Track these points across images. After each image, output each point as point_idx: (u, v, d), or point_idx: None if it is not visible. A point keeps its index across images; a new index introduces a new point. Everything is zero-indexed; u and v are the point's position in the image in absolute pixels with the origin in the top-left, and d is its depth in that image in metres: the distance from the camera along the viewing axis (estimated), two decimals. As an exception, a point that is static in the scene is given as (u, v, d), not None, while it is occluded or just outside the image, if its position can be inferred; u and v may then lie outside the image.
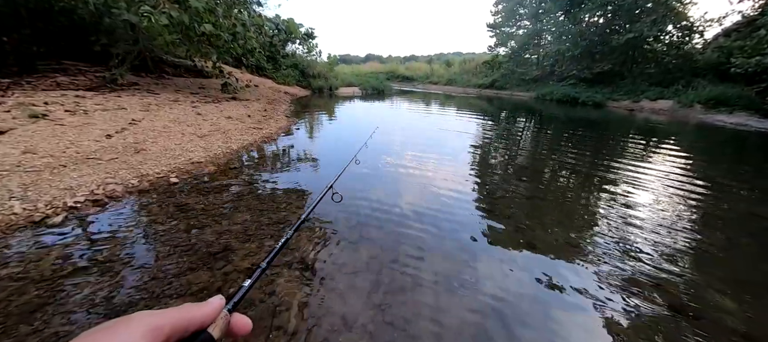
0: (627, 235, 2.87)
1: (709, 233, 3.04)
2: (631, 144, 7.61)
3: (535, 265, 2.36)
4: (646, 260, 2.49)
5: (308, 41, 18.37)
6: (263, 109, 8.42)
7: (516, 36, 28.18)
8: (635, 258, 2.51)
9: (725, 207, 3.74)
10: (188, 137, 4.77)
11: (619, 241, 2.77)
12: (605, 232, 2.93)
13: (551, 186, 4.35)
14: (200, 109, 6.54)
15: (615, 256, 2.53)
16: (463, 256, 2.42)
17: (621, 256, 2.55)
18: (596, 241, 2.75)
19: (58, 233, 2.30)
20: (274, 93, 13.07)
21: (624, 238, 2.82)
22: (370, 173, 4.18)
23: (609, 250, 2.63)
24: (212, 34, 7.24)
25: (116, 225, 2.48)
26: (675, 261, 2.51)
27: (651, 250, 2.63)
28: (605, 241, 2.77)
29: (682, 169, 5.37)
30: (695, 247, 2.76)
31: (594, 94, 19.17)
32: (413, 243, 2.55)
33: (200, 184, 3.37)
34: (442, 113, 12.13)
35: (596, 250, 2.61)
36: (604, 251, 2.60)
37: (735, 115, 12.71)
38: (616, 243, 2.73)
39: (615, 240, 2.78)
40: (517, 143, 7.18)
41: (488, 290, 2.04)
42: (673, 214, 3.41)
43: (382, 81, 23.57)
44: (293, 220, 2.78)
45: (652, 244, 2.73)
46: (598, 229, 3.00)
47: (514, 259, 2.43)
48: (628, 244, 2.72)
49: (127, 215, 2.64)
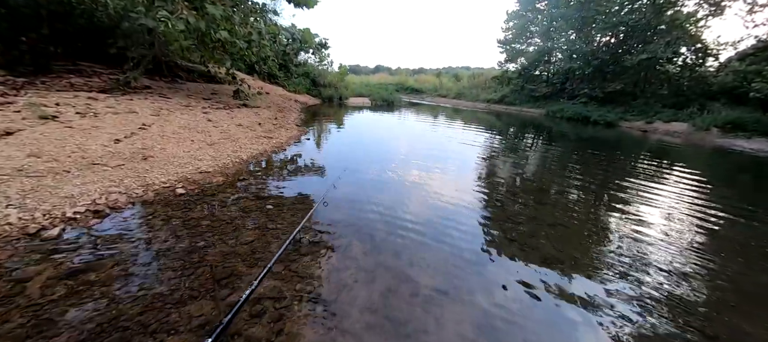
0: (636, 257, 2.83)
1: (725, 257, 2.80)
2: (645, 165, 7.34)
3: (544, 287, 2.23)
4: (654, 281, 2.46)
5: (321, 51, 18.49)
6: (274, 118, 8.35)
7: (526, 53, 28.17)
8: (642, 278, 2.49)
9: (742, 232, 3.48)
10: (197, 144, 4.65)
11: (629, 263, 2.70)
12: (614, 253, 2.88)
13: (563, 206, 4.10)
14: (211, 116, 6.47)
15: (623, 277, 2.52)
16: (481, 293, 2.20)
17: (630, 277, 2.53)
18: (604, 262, 2.71)
19: (53, 249, 2.14)
20: (284, 101, 13.08)
21: (634, 260, 2.78)
22: (381, 184, 3.99)
23: (617, 271, 2.60)
24: (227, 41, 7.24)
25: (115, 241, 2.32)
26: (687, 283, 2.34)
27: (660, 272, 2.59)
28: (614, 262, 2.73)
29: (699, 192, 5.19)
30: (710, 269, 2.55)
31: (606, 114, 18.90)
32: (429, 270, 2.34)
33: (207, 196, 3.22)
34: (450, 126, 11.98)
35: (604, 271, 2.59)
36: (612, 272, 2.58)
37: (754, 140, 12.33)
38: (626, 265, 2.65)
39: (625, 262, 2.72)
40: (527, 161, 6.96)
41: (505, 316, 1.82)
42: (687, 237, 3.30)
43: (391, 92, 23.64)
44: (303, 240, 2.59)
45: (662, 265, 2.67)
46: (607, 250, 2.89)
47: (526, 284, 2.21)
48: (637, 265, 2.69)
49: (127, 230, 2.48)
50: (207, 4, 6.48)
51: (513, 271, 2.47)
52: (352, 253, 2.50)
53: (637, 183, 5.55)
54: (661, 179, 6.07)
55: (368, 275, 2.25)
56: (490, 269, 2.49)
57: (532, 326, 1.91)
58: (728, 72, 16.70)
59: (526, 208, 3.87)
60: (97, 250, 2.19)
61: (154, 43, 8.22)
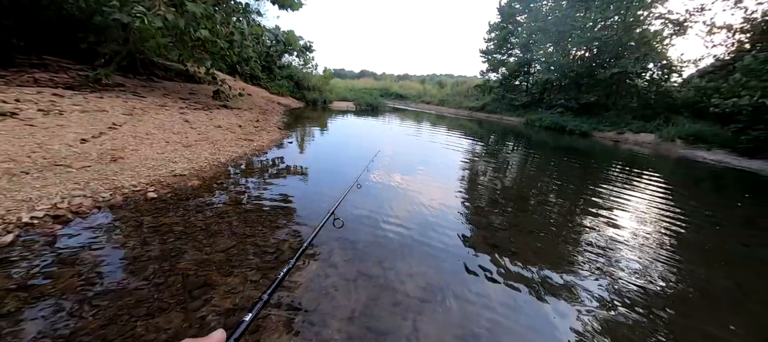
0: (609, 261, 2.94)
1: (688, 260, 2.97)
2: (617, 173, 7.74)
3: (525, 292, 2.31)
4: (625, 284, 2.57)
5: (306, 54, 18.33)
6: (255, 120, 8.16)
7: (507, 63, 29.13)
8: (614, 281, 2.59)
9: (703, 236, 3.72)
10: (173, 146, 4.46)
11: (602, 267, 2.81)
12: (589, 257, 3.00)
13: (541, 213, 4.24)
14: (188, 116, 6.23)
15: (597, 280, 2.63)
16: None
17: (603, 280, 2.64)
18: (580, 267, 2.79)
19: (4, 257, 1.97)
20: (267, 103, 12.83)
21: (606, 265, 2.91)
22: (372, 196, 3.97)
23: (592, 275, 2.71)
24: (208, 40, 7.03)
25: (78, 248, 2.16)
26: (655, 286, 2.42)
27: (631, 275, 2.69)
28: (588, 266, 2.84)
29: (663, 199, 5.60)
30: (675, 273, 2.68)
31: (581, 124, 19.78)
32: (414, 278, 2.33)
33: (181, 200, 3.07)
34: (434, 133, 12.14)
35: (579, 275, 2.66)
36: (586, 276, 2.68)
37: (713, 152, 13.26)
38: (599, 269, 2.73)
39: (598, 267, 2.82)
40: (508, 167, 7.15)
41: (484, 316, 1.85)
42: (654, 241, 3.51)
43: (376, 97, 23.75)
44: (283, 247, 2.52)
45: (632, 269, 2.78)
46: (582, 255, 3.00)
47: (507, 288, 2.25)
48: (610, 269, 2.81)
49: (92, 236, 2.32)
50: (187, 2, 6.28)
51: (494, 277, 2.51)
52: (333, 260, 2.46)
53: (610, 189, 5.86)
54: (632, 186, 6.40)
55: (349, 283, 2.21)
56: (472, 276, 2.51)
57: (514, 330, 1.94)
58: (690, 88, 17.91)
59: (506, 215, 3.96)
60: (57, 259, 2.03)
61: (128, 39, 7.86)
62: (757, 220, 5.16)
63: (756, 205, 6.26)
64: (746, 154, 12.43)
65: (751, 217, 5.34)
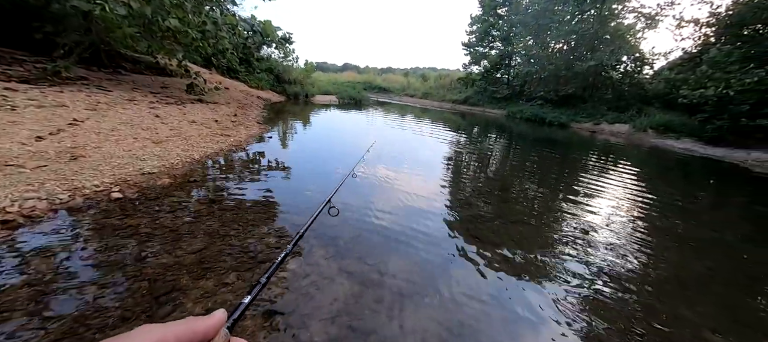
0: (587, 248, 2.97)
1: (661, 245, 3.10)
2: (592, 163, 8.02)
3: (504, 284, 2.30)
4: (603, 269, 2.56)
5: (285, 46, 17.82)
6: (233, 114, 7.84)
7: (489, 56, 29.45)
8: (592, 268, 2.56)
9: (673, 222, 3.90)
10: (141, 143, 4.19)
11: (581, 254, 2.81)
12: (570, 245, 3.02)
13: (522, 202, 4.31)
14: (159, 111, 5.89)
15: (578, 266, 2.64)
16: (434, 274, 2.19)
17: (582, 266, 2.65)
18: (560, 256, 2.77)
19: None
20: (246, 97, 12.39)
21: (585, 252, 2.94)
22: (360, 188, 3.88)
23: (572, 261, 2.72)
24: (178, 31, 6.64)
25: (29, 256, 1.97)
26: (631, 271, 2.49)
27: (608, 260, 2.71)
28: (569, 253, 2.84)
29: (637, 187, 5.88)
30: (650, 257, 2.79)
31: (559, 115, 20.33)
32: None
33: (150, 200, 2.88)
34: (418, 126, 12.13)
35: (560, 264, 2.67)
36: (567, 263, 2.69)
37: (682, 141, 13.96)
38: (579, 256, 2.76)
39: (577, 252, 2.83)
40: (490, 160, 7.23)
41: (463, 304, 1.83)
42: (629, 227, 3.63)
43: (359, 91, 23.47)
44: (260, 247, 2.41)
45: (609, 255, 2.81)
46: (563, 243, 3.03)
47: (490, 278, 2.26)
48: (588, 256, 2.80)
49: (46, 242, 2.12)
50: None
51: (479, 267, 2.50)
52: (313, 259, 2.37)
53: (588, 179, 6.05)
54: (608, 175, 6.62)
55: (330, 281, 2.13)
56: (458, 267, 2.49)
57: (498, 316, 1.93)
58: (661, 80, 18.73)
59: (490, 206, 3.98)
60: (3, 269, 1.84)
61: (90, 29, 7.31)
62: (723, 205, 5.45)
63: (720, 191, 6.63)
64: (711, 142, 13.17)
65: (718, 202, 5.64)
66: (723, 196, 6.16)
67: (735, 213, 5.02)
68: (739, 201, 5.89)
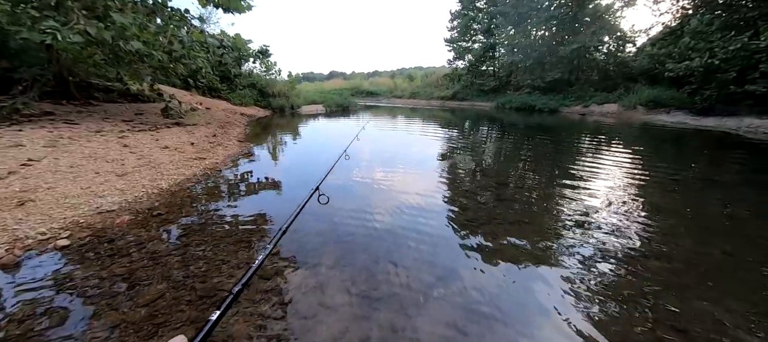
0: (593, 232, 2.90)
1: (665, 227, 2.85)
2: (585, 146, 7.86)
3: (510, 271, 2.31)
4: (608, 256, 2.43)
5: (264, 59, 17.52)
6: (212, 135, 7.50)
7: (472, 49, 29.42)
8: (597, 255, 2.52)
9: (675, 199, 3.68)
10: (103, 177, 3.84)
11: (585, 243, 2.72)
12: (568, 225, 3.05)
13: (520, 192, 4.05)
14: (129, 140, 5.54)
15: (582, 256, 2.61)
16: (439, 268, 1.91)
17: (587, 254, 2.60)
18: (562, 244, 2.73)
19: None
20: (228, 115, 12.03)
21: (590, 236, 2.93)
22: (343, 189, 3.58)
23: (575, 251, 2.70)
24: (144, 53, 6.30)
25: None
26: (635, 257, 2.25)
27: (613, 246, 2.57)
28: (569, 232, 2.88)
29: (633, 163, 5.89)
30: (654, 243, 2.55)
31: (549, 101, 20.26)
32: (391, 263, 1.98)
33: (102, 244, 2.54)
34: (408, 126, 11.88)
35: (562, 253, 2.66)
36: (570, 252, 2.68)
37: (672, 114, 13.91)
38: (582, 247, 2.61)
39: (582, 244, 2.73)
40: (484, 151, 6.99)
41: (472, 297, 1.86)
42: (630, 209, 3.48)
43: (346, 97, 23.15)
44: (227, 286, 2.09)
45: (613, 240, 2.68)
46: (562, 222, 2.98)
47: (494, 269, 2.15)
48: (591, 245, 2.74)
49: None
50: (112, 13, 5.55)
51: (483, 260, 2.21)
52: (320, 271, 2.06)
53: (583, 161, 5.98)
54: (602, 155, 6.48)
55: (334, 298, 1.82)
56: (460, 264, 2.20)
57: (505, 308, 1.66)
58: (644, 56, 18.77)
59: (488, 196, 3.70)
60: None
61: (51, 60, 6.94)
62: (725, 177, 5.26)
63: (719, 162, 6.46)
64: (702, 113, 13.12)
65: (719, 174, 5.45)
66: (723, 167, 5.98)
67: (740, 185, 4.81)
68: (741, 170, 5.71)
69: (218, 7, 7.20)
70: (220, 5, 7.20)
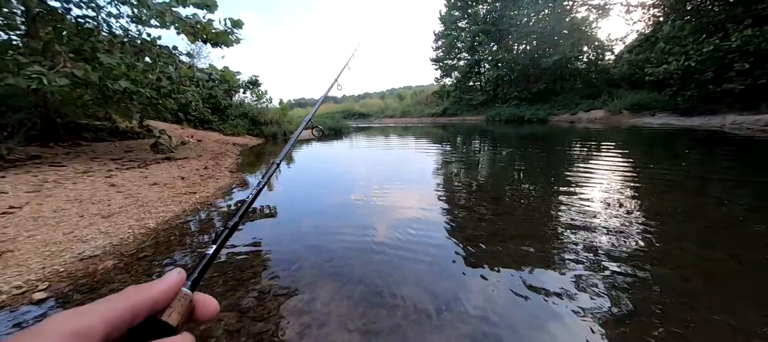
0: (589, 245, 2.84)
1: (666, 232, 2.80)
2: (577, 151, 7.96)
3: (512, 280, 2.35)
4: (610, 265, 2.27)
5: (255, 89, 17.75)
6: (203, 167, 7.39)
7: (458, 67, 30.29)
8: (598, 264, 2.45)
9: (671, 202, 3.66)
10: (87, 220, 3.70)
11: (584, 241, 2.89)
12: (570, 235, 3.11)
13: (516, 201, 3.99)
14: (117, 179, 5.41)
15: (583, 257, 2.69)
16: (442, 281, 1.81)
17: (589, 254, 2.71)
18: (565, 245, 2.84)
19: None
20: (220, 146, 11.97)
21: (589, 237, 3.03)
22: (339, 208, 3.47)
23: (578, 251, 2.78)
24: (132, 91, 6.30)
25: None
26: (639, 265, 2.15)
27: (613, 253, 2.48)
28: (572, 243, 2.95)
29: (626, 167, 6.00)
30: (655, 250, 2.47)
31: (537, 111, 20.69)
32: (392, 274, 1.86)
33: (82, 294, 2.39)
34: (402, 144, 11.93)
35: (567, 253, 2.74)
36: (573, 253, 2.76)
37: (657, 116, 14.26)
38: (582, 254, 2.70)
39: (580, 241, 2.90)
40: (478, 164, 6.99)
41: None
42: (629, 214, 3.50)
43: (338, 120, 23.38)
44: (217, 332, 1.95)
45: (614, 249, 2.66)
46: (564, 232, 3.12)
47: (494, 277, 2.16)
48: (592, 253, 2.73)
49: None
50: (99, 54, 5.58)
51: (487, 273, 2.11)
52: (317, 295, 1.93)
53: (577, 167, 6.03)
54: (595, 161, 6.53)
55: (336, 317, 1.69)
56: (465, 276, 2.11)
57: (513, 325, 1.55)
58: (624, 62, 19.48)
59: (486, 209, 3.63)
60: None
61: (38, 104, 6.89)
62: (709, 175, 5.30)
63: (710, 160, 6.54)
64: (685, 113, 13.48)
65: (712, 172, 5.49)
66: (714, 165, 6.04)
67: (732, 181, 4.84)
68: (732, 167, 5.77)
69: (206, 43, 7.30)
70: (208, 40, 7.31)
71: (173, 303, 0.28)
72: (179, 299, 0.28)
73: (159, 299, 0.27)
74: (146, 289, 0.27)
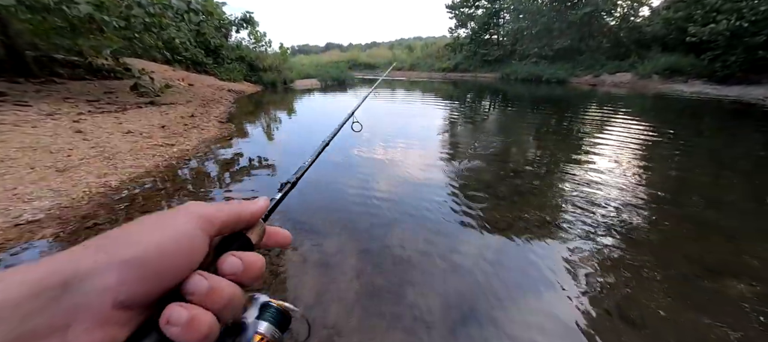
0: (598, 205, 2.78)
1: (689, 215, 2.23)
2: (599, 118, 7.27)
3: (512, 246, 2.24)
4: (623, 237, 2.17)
5: (251, 28, 16.28)
6: (189, 115, 6.70)
7: (475, 16, 27.65)
8: (610, 225, 2.48)
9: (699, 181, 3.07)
10: (38, 173, 3.15)
11: (593, 211, 2.71)
12: (580, 205, 2.89)
13: (531, 173, 3.41)
14: (85, 124, 4.78)
15: (592, 227, 2.52)
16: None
17: (596, 225, 2.54)
18: (574, 222, 2.62)
19: None
20: (213, 92, 11.11)
21: (596, 208, 2.84)
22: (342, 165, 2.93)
23: (586, 221, 2.60)
24: (100, 20, 5.38)
25: None
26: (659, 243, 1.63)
27: (621, 211, 2.39)
28: (582, 212, 2.76)
29: (650, 140, 5.42)
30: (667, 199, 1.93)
31: (557, 71, 19.15)
32: None
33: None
34: (409, 101, 11.03)
35: (573, 230, 2.49)
36: (581, 223, 2.60)
37: (691, 83, 12.99)
38: (592, 214, 2.62)
39: (590, 211, 2.73)
40: (490, 128, 6.28)
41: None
42: (651, 190, 2.96)
43: (343, 70, 21.91)
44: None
45: (622, 205, 2.49)
46: (574, 204, 2.92)
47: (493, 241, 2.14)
48: (602, 212, 2.66)
49: None
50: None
51: (491, 232, 1.65)
52: None
53: (599, 137, 5.55)
54: (618, 131, 5.95)
55: None
56: (469, 235, 2.20)
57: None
58: (659, 20, 17.45)
59: (496, 173, 3.06)
60: None
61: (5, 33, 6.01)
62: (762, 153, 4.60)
63: (754, 139, 5.77)
64: (723, 81, 12.21)
65: (758, 152, 4.78)
66: (758, 144, 5.29)
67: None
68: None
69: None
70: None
71: (255, 226, 0.31)
72: (259, 224, 0.32)
73: (252, 219, 0.31)
74: (246, 206, 0.31)
